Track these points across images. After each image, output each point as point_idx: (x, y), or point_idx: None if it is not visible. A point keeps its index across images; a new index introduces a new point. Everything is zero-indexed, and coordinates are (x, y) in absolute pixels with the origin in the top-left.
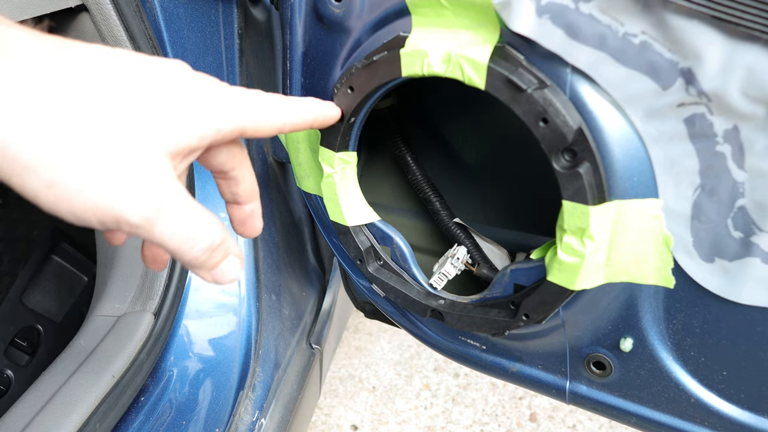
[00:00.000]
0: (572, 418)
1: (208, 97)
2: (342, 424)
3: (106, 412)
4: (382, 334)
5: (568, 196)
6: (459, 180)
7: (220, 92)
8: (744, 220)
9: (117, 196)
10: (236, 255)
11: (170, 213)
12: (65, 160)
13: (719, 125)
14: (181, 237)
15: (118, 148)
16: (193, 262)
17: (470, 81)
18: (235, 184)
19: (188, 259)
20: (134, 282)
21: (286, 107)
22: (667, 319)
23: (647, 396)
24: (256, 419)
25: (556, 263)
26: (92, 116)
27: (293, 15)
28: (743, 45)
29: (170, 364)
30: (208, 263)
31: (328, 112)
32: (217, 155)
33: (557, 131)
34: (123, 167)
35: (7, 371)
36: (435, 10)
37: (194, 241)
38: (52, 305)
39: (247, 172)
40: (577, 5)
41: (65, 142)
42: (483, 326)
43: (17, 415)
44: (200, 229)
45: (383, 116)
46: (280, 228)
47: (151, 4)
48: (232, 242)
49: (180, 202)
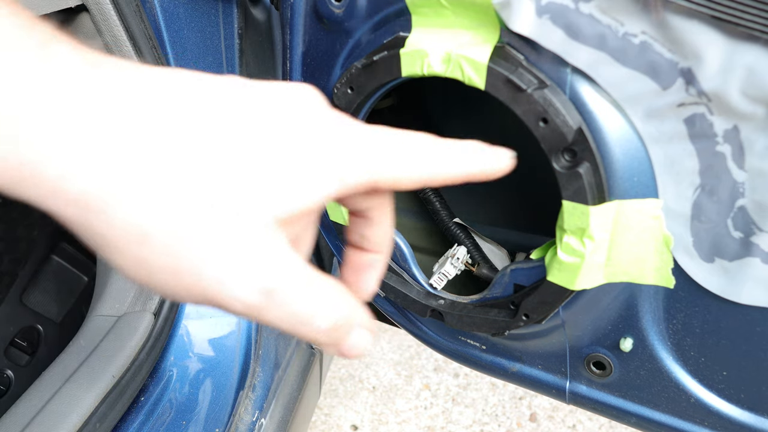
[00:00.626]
0: (572, 418)
1: (332, 144)
2: (342, 424)
3: (106, 412)
4: (382, 334)
5: (568, 196)
6: None
7: (350, 136)
8: (744, 220)
9: (215, 278)
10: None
11: (282, 296)
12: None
13: (719, 125)
14: (297, 319)
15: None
16: (314, 341)
17: (470, 81)
18: (367, 226)
19: (308, 338)
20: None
21: (440, 157)
22: (667, 319)
23: (647, 396)
24: (256, 419)
25: (556, 263)
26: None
27: (293, 15)
28: (743, 45)
29: (170, 364)
30: (331, 342)
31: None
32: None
33: (557, 131)
34: (222, 240)
35: (7, 371)
36: (435, 10)
37: (312, 323)
38: (52, 305)
39: (386, 214)
40: (577, 5)
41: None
42: (483, 326)
43: (17, 415)
44: (320, 308)
45: (383, 116)
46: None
47: (151, 4)
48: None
49: (294, 280)
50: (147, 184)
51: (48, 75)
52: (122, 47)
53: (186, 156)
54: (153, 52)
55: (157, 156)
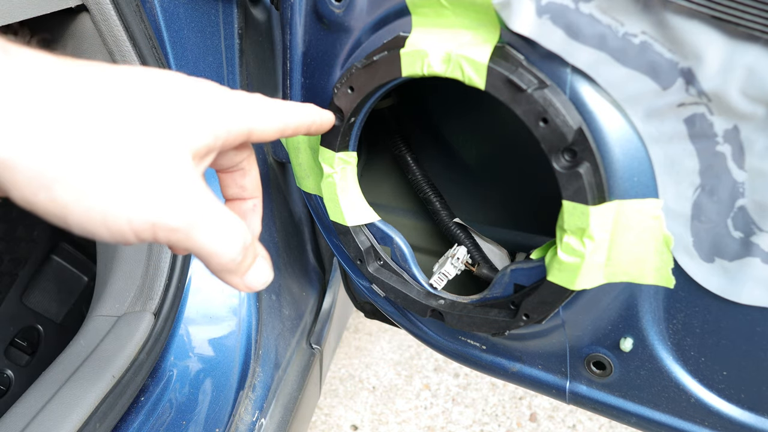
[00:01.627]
0: (572, 418)
1: (214, 100)
2: (342, 424)
3: (106, 412)
4: (382, 334)
5: (568, 196)
6: (459, 180)
7: (225, 95)
8: (744, 220)
9: (152, 203)
10: (263, 257)
11: (207, 214)
12: (89, 171)
13: (719, 125)
14: (219, 239)
15: (143, 153)
16: (227, 266)
17: (470, 81)
18: (242, 176)
19: (224, 263)
20: (134, 282)
21: (288, 110)
22: (667, 319)
23: (647, 396)
24: (256, 419)
25: (556, 263)
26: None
27: (293, 15)
28: (743, 45)
29: (170, 364)
30: (242, 267)
31: (325, 118)
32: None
33: (557, 131)
34: (152, 172)
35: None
36: (435, 10)
37: (230, 243)
38: (52, 305)
39: (254, 163)
40: (577, 5)
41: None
42: (483, 326)
43: (17, 415)
44: (234, 229)
45: (383, 116)
46: (280, 228)
47: (151, 4)
48: (258, 245)
49: (213, 202)
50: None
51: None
52: (122, 47)
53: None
54: (153, 52)
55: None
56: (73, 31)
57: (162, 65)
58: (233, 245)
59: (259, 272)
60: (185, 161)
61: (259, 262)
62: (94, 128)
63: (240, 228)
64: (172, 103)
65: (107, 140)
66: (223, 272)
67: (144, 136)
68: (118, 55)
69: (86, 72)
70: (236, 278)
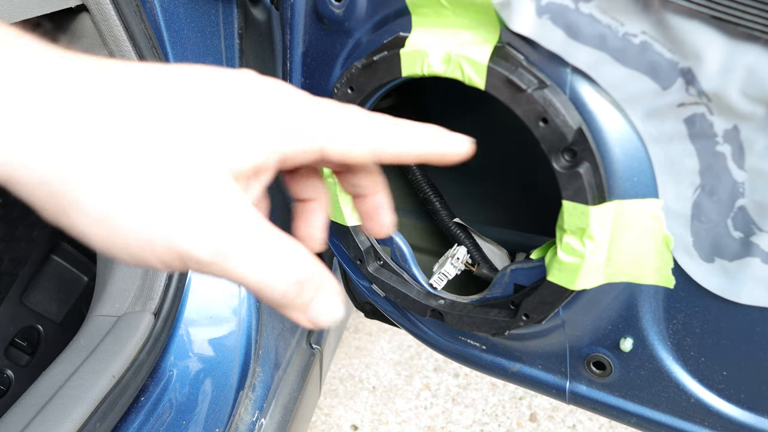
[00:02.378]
0: (572, 418)
1: (278, 108)
2: (342, 424)
3: (106, 412)
4: (382, 334)
5: (568, 196)
6: (459, 180)
7: (295, 102)
8: (744, 220)
9: (179, 229)
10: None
11: (246, 243)
12: (116, 190)
13: (719, 125)
14: (263, 271)
15: (172, 172)
16: (280, 302)
17: (470, 81)
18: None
19: (274, 298)
20: (134, 282)
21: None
22: (667, 319)
23: (647, 396)
24: (256, 419)
25: (556, 263)
26: (139, 138)
27: (293, 15)
28: (743, 45)
29: (170, 364)
30: (298, 302)
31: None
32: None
33: (557, 131)
34: (183, 194)
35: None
36: (435, 10)
37: (278, 277)
38: (52, 305)
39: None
40: (577, 5)
41: (114, 170)
42: (483, 326)
43: (17, 415)
44: (284, 261)
45: None
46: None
47: (151, 4)
48: (327, 276)
49: (256, 229)
50: (104, 169)
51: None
52: (122, 47)
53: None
54: (153, 52)
55: (112, 143)
56: (73, 31)
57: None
58: (283, 277)
59: (324, 307)
60: (222, 182)
61: (324, 297)
62: (114, 140)
63: (293, 258)
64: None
65: (129, 157)
66: (280, 307)
67: (173, 153)
68: (118, 55)
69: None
70: (296, 313)
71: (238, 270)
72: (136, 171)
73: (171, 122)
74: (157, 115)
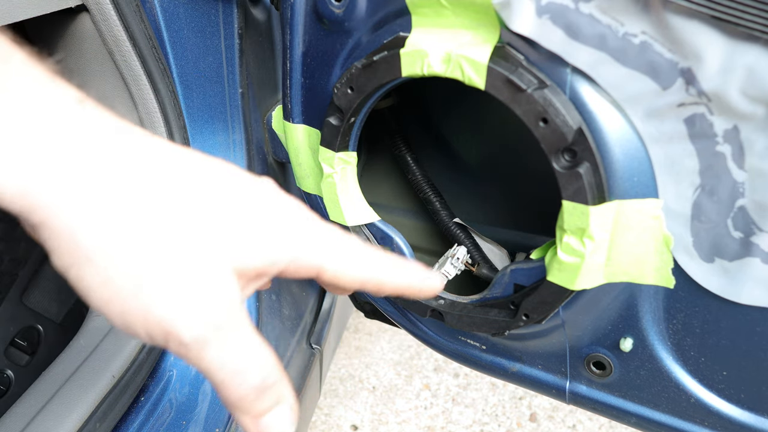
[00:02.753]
0: (572, 418)
1: (291, 223)
2: (342, 424)
3: (106, 412)
4: (382, 334)
5: (568, 196)
6: (459, 180)
7: (306, 221)
8: (744, 220)
9: (171, 306)
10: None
11: (226, 336)
12: (126, 257)
13: (719, 125)
14: (233, 367)
15: (182, 254)
16: (239, 402)
17: (470, 81)
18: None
19: (235, 396)
20: None
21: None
22: (667, 319)
23: (647, 396)
24: None
25: (556, 263)
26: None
27: (293, 15)
28: (743, 45)
29: (170, 364)
30: (256, 407)
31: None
32: None
33: (557, 131)
34: (184, 276)
35: (7, 371)
36: (435, 10)
37: (246, 375)
38: (52, 305)
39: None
40: (577, 5)
41: (129, 239)
42: (483, 326)
43: (17, 415)
44: (255, 361)
45: (383, 116)
46: None
47: (151, 4)
48: (287, 389)
49: (239, 326)
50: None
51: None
52: (122, 47)
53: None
54: (153, 52)
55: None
56: (73, 31)
57: (162, 65)
58: (248, 378)
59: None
60: (223, 276)
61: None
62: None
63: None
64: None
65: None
66: (235, 409)
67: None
68: (118, 55)
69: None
70: (247, 418)
71: (211, 362)
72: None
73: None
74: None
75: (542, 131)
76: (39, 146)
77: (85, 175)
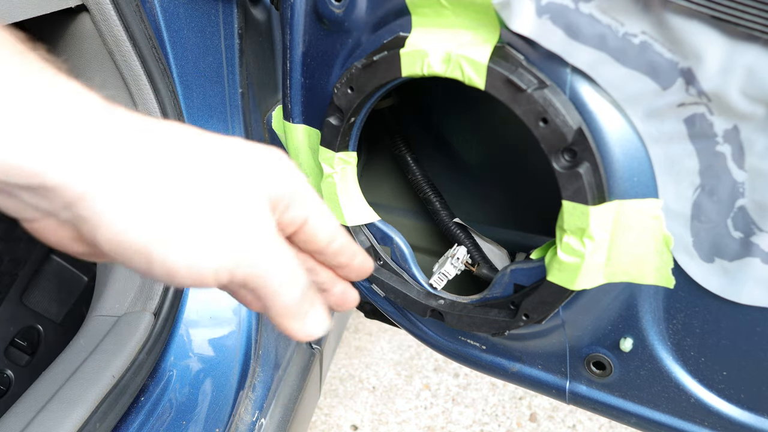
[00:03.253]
0: (572, 418)
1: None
2: (342, 424)
3: (106, 412)
4: (382, 334)
5: (568, 196)
6: (459, 180)
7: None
8: (744, 220)
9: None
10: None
11: (277, 258)
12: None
13: (719, 125)
14: (284, 278)
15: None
16: (288, 308)
17: (470, 81)
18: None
19: (285, 303)
20: (134, 282)
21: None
22: (667, 319)
23: (647, 396)
24: (256, 419)
25: (556, 263)
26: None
27: (293, 15)
28: (743, 45)
29: (170, 364)
30: (302, 309)
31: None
32: None
33: (557, 131)
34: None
35: (7, 371)
36: (435, 10)
37: (293, 283)
38: (52, 305)
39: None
40: (577, 5)
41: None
42: (483, 326)
43: (17, 415)
44: (297, 275)
45: (383, 116)
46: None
47: (151, 4)
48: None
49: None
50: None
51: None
52: (122, 47)
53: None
54: (153, 52)
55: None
56: (73, 31)
57: (162, 65)
58: (295, 285)
59: (317, 320)
60: (263, 208)
61: (317, 309)
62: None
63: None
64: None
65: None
66: (285, 316)
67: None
68: (118, 55)
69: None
70: (294, 322)
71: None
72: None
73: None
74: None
75: (542, 131)
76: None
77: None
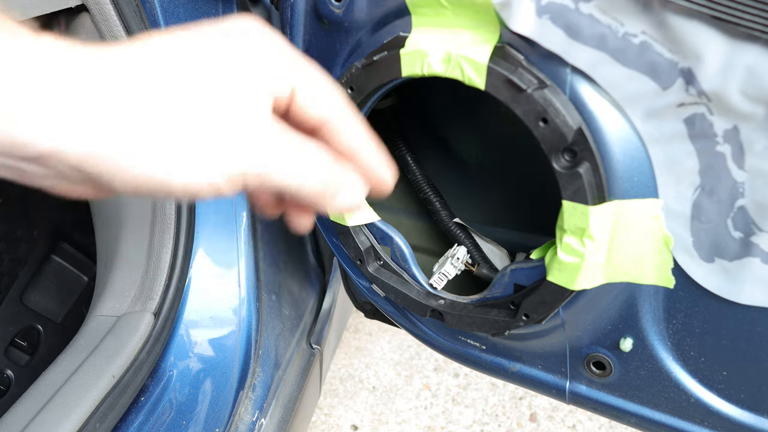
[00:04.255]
0: (572, 418)
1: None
2: (342, 424)
3: (106, 412)
4: (382, 334)
5: (568, 196)
6: (459, 180)
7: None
8: (744, 220)
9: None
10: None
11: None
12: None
13: (719, 125)
14: (299, 169)
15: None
16: (316, 195)
17: (470, 81)
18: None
19: (311, 192)
20: (134, 282)
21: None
22: (667, 319)
23: (647, 396)
24: (256, 419)
25: (556, 263)
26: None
27: (293, 15)
28: (743, 45)
29: (170, 364)
30: (330, 190)
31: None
32: None
33: (557, 131)
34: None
35: (7, 371)
36: (435, 10)
37: (312, 171)
38: (52, 305)
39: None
40: (577, 5)
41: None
42: (483, 326)
43: (17, 415)
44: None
45: (383, 116)
46: (280, 228)
47: (151, 4)
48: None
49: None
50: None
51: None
52: None
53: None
54: None
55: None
56: (73, 32)
57: None
58: (316, 173)
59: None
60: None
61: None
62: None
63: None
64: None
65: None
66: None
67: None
68: None
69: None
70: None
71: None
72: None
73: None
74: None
75: (542, 131)
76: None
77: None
